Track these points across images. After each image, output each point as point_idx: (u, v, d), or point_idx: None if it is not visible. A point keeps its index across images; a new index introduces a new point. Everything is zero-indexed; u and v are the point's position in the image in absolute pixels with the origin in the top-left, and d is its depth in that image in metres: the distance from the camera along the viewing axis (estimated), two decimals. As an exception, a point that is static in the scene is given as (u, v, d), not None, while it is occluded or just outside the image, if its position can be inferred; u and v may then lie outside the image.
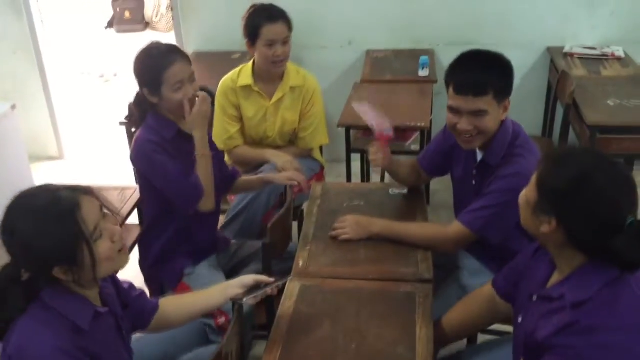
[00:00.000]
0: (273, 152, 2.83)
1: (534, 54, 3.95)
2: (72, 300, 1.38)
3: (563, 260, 1.42)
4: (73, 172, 4.33)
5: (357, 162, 3.43)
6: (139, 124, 2.16)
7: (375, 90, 3.46)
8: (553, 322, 1.36)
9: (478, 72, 1.89)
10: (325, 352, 1.62)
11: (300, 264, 1.97)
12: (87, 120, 5.04)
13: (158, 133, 2.11)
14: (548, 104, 3.84)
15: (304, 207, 2.58)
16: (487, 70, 1.89)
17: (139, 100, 2.16)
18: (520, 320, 1.52)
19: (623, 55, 3.72)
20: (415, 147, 3.29)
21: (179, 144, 2.14)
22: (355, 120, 3.17)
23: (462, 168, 2.14)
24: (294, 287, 1.87)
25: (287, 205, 2.24)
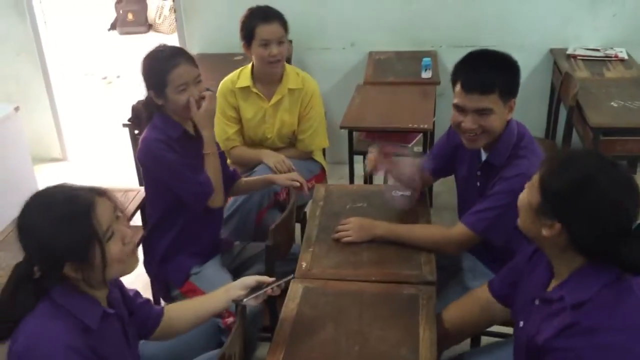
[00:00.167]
0: (267, 152, 2.85)
1: (537, 56, 3.95)
2: (81, 299, 1.40)
3: (562, 263, 1.42)
4: (76, 173, 4.33)
5: (359, 163, 3.43)
6: (145, 125, 2.18)
7: (378, 92, 3.47)
8: (554, 324, 1.35)
9: (485, 70, 1.89)
10: (328, 354, 1.62)
11: (304, 266, 1.97)
12: (90, 122, 5.05)
13: (164, 132, 2.13)
14: (551, 106, 3.84)
15: (307, 208, 2.58)
16: (494, 69, 1.89)
17: (148, 102, 2.18)
18: (522, 325, 1.52)
19: (626, 57, 3.71)
20: (418, 149, 3.28)
21: (184, 144, 2.16)
22: (358, 122, 3.19)
23: (466, 168, 2.14)
24: (297, 289, 1.87)
25: (290, 207, 2.24)
